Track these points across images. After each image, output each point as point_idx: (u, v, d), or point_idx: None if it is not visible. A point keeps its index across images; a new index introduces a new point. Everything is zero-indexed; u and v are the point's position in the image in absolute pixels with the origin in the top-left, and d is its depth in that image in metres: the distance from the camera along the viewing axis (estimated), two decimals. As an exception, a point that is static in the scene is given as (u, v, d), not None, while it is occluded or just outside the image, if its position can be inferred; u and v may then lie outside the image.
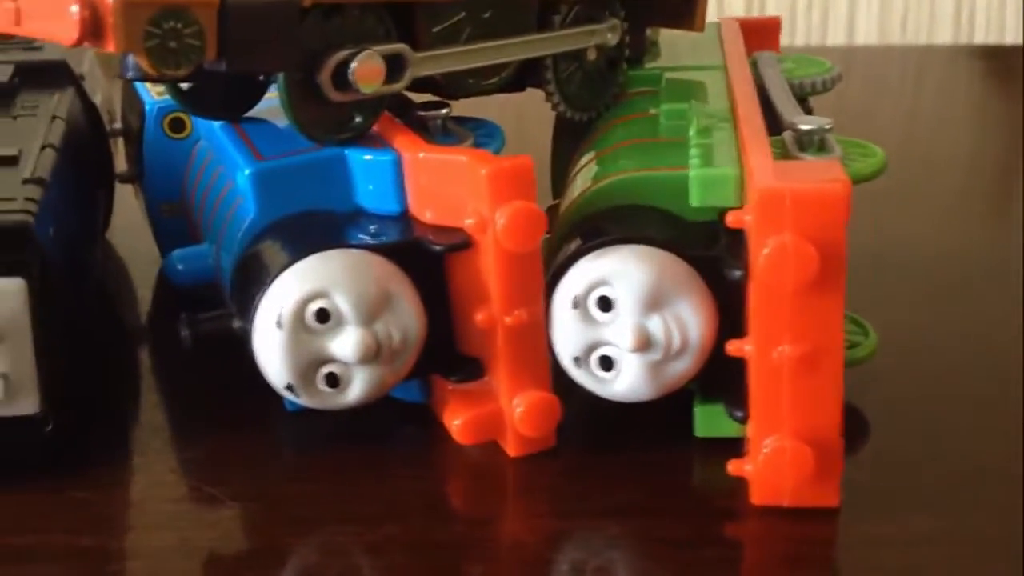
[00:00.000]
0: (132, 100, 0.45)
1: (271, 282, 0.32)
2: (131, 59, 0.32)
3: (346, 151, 0.35)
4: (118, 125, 0.47)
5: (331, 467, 0.35)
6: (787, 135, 0.37)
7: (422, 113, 0.38)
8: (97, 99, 0.45)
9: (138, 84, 0.44)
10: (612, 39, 0.42)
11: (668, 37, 0.47)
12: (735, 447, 0.33)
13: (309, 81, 0.33)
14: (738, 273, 0.32)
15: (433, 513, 0.33)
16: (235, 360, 0.33)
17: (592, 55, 0.42)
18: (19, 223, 0.31)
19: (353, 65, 0.33)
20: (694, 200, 0.33)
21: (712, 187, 0.33)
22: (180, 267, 0.38)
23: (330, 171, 0.35)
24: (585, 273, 0.33)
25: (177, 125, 0.43)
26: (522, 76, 0.41)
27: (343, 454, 0.35)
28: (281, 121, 0.38)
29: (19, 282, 0.31)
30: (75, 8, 0.27)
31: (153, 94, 0.43)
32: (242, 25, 0.30)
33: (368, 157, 0.35)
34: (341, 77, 0.34)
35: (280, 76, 0.33)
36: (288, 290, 0.32)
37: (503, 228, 0.32)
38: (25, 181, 0.34)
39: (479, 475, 0.35)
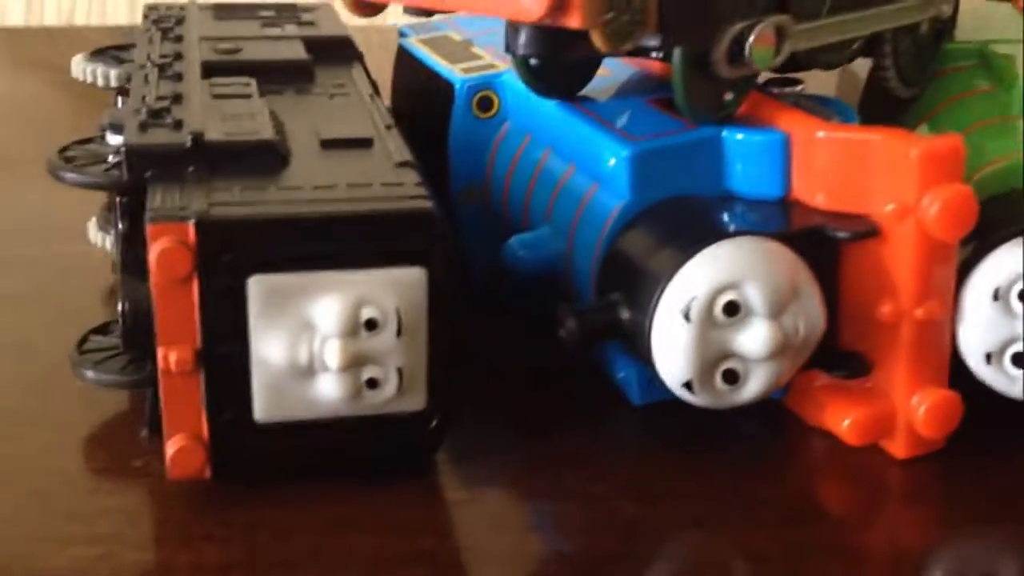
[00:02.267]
0: (417, 77, 0.43)
1: (675, 272, 0.30)
2: (525, 35, 0.30)
3: (725, 131, 0.33)
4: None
5: (699, 467, 0.33)
6: None
7: (776, 90, 0.36)
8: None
9: (435, 62, 0.42)
10: (947, 11, 0.40)
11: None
12: None
13: (702, 57, 0.31)
14: None
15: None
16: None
17: (924, 27, 0.40)
18: (421, 210, 0.29)
19: (751, 39, 0.31)
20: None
21: None
22: (521, 253, 0.36)
23: (706, 153, 0.33)
24: (1009, 263, 0.31)
25: (485, 104, 0.41)
26: (863, 49, 0.38)
27: (704, 453, 0.33)
28: (623, 100, 0.36)
29: (420, 272, 0.29)
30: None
31: (457, 71, 0.41)
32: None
33: (752, 138, 0.33)
34: (736, 51, 0.31)
35: (677, 52, 0.31)
36: (697, 280, 0.30)
37: (936, 215, 0.29)
38: (399, 164, 0.32)
39: (855, 477, 0.32)
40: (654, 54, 0.33)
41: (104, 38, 0.47)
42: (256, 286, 0.28)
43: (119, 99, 0.42)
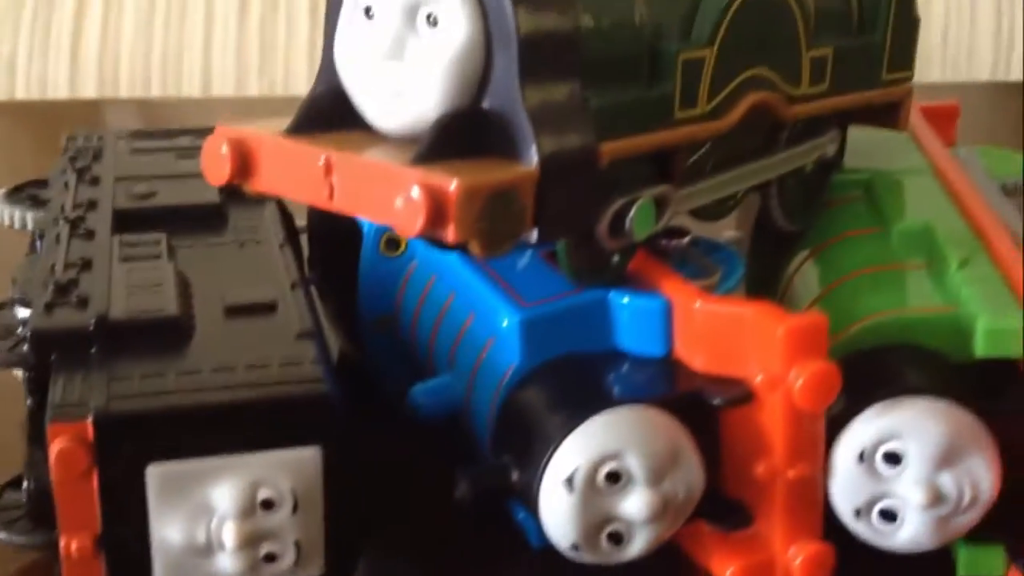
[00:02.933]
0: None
1: (559, 442, 0.32)
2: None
3: (611, 294, 0.35)
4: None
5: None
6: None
7: (664, 242, 0.37)
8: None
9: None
10: (832, 150, 0.42)
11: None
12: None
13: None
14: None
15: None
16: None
17: (809, 166, 0.42)
18: (316, 394, 0.31)
19: (631, 213, 0.33)
20: (980, 350, 0.33)
21: (1000, 339, 0.33)
22: (422, 400, 0.38)
23: (594, 314, 0.35)
24: (874, 426, 0.32)
25: (393, 244, 0.42)
26: (750, 192, 0.40)
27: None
28: (519, 253, 0.38)
29: (315, 451, 0.30)
30: (419, 195, 0.27)
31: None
32: (557, 195, 0.30)
33: (636, 302, 0.34)
34: (617, 225, 0.33)
35: (559, 229, 0.33)
36: (579, 451, 0.32)
37: (801, 389, 0.31)
38: (299, 336, 0.33)
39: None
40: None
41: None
42: (154, 474, 0.29)
43: (37, 242, 0.43)
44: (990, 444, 0.32)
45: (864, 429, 0.33)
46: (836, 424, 0.33)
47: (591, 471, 0.32)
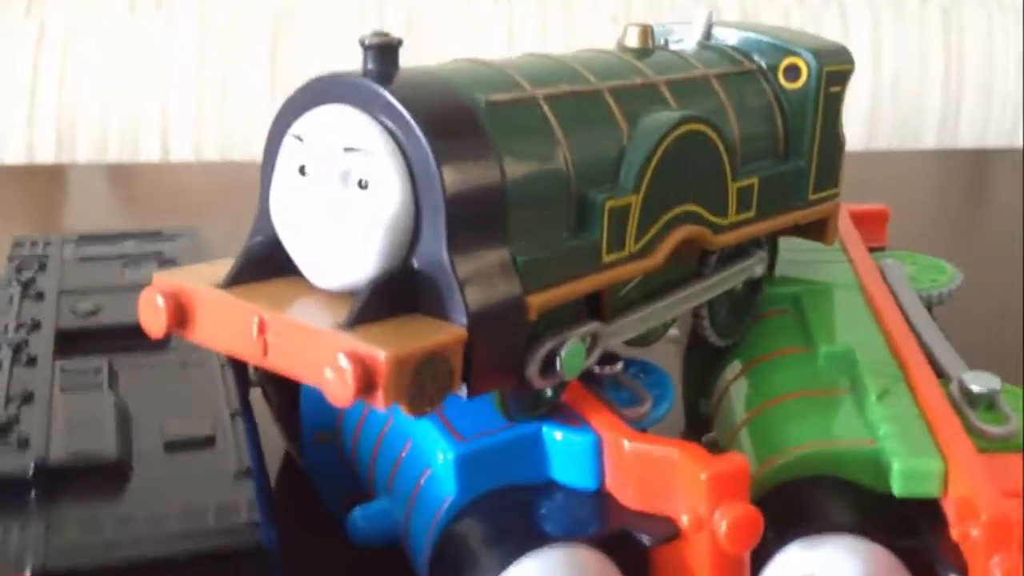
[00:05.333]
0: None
1: (489, 584, 0.33)
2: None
3: (543, 428, 0.36)
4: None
5: None
6: (955, 389, 0.38)
7: (596, 371, 0.38)
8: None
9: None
10: (760, 271, 0.43)
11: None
12: None
13: (516, 372, 0.34)
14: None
15: None
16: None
17: (739, 286, 0.43)
18: (249, 545, 0.31)
19: (562, 354, 0.34)
20: (897, 490, 0.34)
21: (917, 479, 0.34)
22: (362, 525, 0.38)
23: (528, 448, 0.36)
24: (796, 562, 0.34)
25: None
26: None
27: None
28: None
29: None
30: (348, 365, 0.28)
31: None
32: (486, 351, 0.31)
33: (568, 437, 0.35)
34: (548, 366, 0.34)
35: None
36: (509, 592, 0.32)
37: (725, 532, 0.32)
38: (236, 475, 0.34)
39: None
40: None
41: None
42: (91, 628, 0.30)
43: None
44: (906, 580, 0.34)
45: (787, 564, 0.34)
46: (760, 555, 0.34)
47: (520, 612, 0.32)
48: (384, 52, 0.31)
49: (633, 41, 0.41)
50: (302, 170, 0.32)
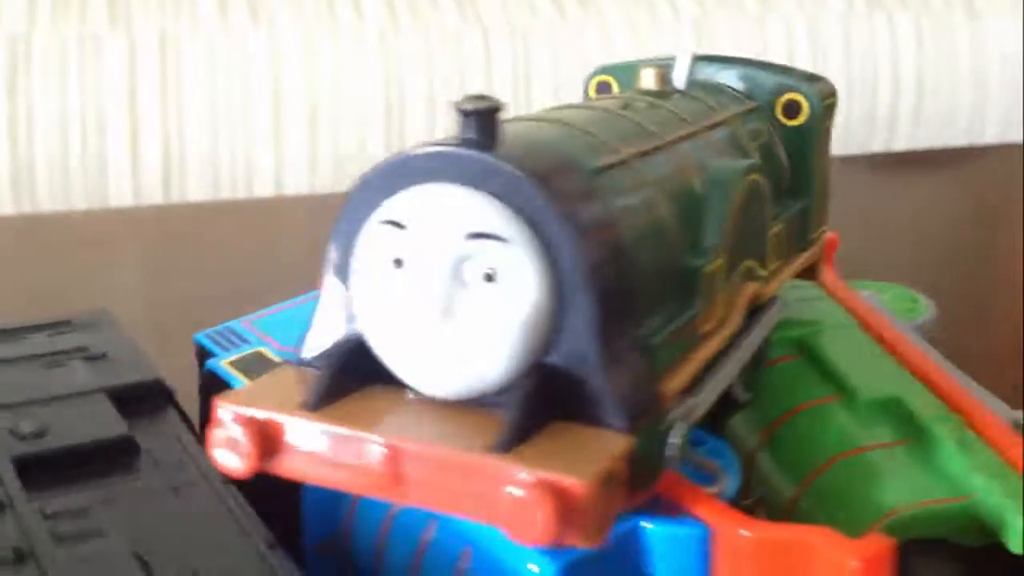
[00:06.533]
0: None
1: None
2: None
3: (641, 522, 0.32)
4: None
5: None
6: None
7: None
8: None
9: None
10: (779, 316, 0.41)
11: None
12: None
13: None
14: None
15: None
16: None
17: (761, 335, 0.41)
18: None
19: (677, 441, 0.30)
20: (1015, 546, 0.33)
21: (1036, 534, 0.32)
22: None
23: (624, 548, 0.32)
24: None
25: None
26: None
27: None
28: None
29: None
30: (538, 498, 0.23)
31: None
32: (643, 458, 0.27)
33: (671, 531, 0.32)
34: (658, 458, 0.30)
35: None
36: None
37: (883, 621, 0.30)
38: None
39: None
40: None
41: None
42: None
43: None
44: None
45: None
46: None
47: None
48: (487, 118, 0.26)
49: (650, 83, 0.38)
50: (398, 262, 0.27)
